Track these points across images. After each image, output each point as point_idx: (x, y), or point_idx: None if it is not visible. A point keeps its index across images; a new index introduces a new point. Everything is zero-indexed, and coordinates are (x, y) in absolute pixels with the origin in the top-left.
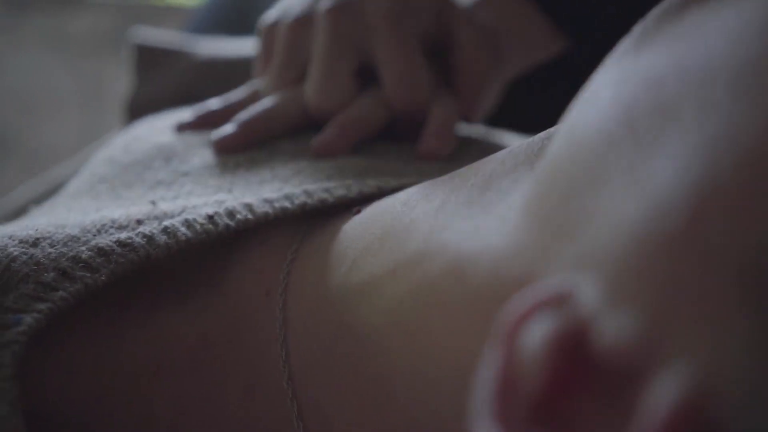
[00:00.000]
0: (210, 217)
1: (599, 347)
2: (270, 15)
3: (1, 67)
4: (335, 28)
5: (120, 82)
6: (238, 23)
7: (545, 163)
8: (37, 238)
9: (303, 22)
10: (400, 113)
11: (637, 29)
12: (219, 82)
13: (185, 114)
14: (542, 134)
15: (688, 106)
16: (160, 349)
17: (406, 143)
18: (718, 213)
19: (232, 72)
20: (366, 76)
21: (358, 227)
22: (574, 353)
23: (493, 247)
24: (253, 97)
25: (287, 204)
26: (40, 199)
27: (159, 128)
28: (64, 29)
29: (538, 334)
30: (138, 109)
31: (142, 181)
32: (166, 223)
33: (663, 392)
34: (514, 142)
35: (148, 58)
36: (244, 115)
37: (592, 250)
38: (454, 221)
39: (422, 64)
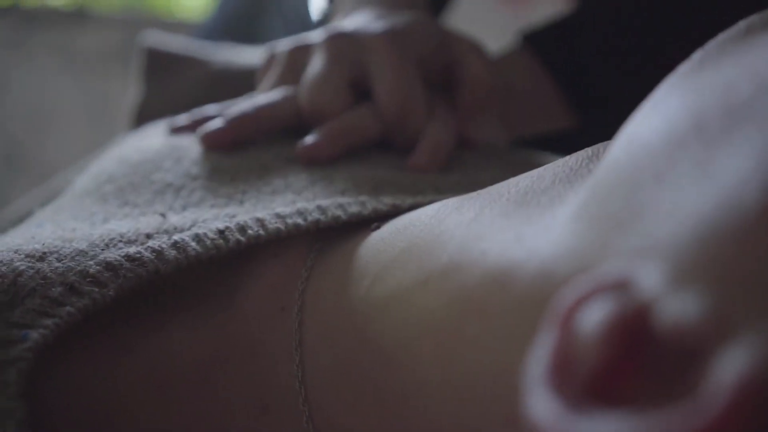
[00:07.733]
0: (221, 232)
1: (661, 327)
2: (279, 43)
3: (10, 83)
4: (333, 47)
5: (128, 97)
6: (245, 36)
7: (602, 169)
8: (44, 252)
9: (303, 46)
10: (392, 127)
11: (697, 55)
12: (232, 93)
13: (181, 117)
14: (581, 153)
15: (761, 107)
16: (170, 365)
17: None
18: None
19: (245, 82)
20: (362, 96)
21: (379, 243)
22: (634, 332)
23: (540, 253)
24: None
25: (300, 221)
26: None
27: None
28: (72, 45)
29: (596, 315)
30: (145, 116)
31: (150, 182)
32: (176, 237)
33: (730, 366)
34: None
35: (159, 64)
36: (234, 110)
37: (654, 240)
38: (492, 231)
39: (416, 80)
